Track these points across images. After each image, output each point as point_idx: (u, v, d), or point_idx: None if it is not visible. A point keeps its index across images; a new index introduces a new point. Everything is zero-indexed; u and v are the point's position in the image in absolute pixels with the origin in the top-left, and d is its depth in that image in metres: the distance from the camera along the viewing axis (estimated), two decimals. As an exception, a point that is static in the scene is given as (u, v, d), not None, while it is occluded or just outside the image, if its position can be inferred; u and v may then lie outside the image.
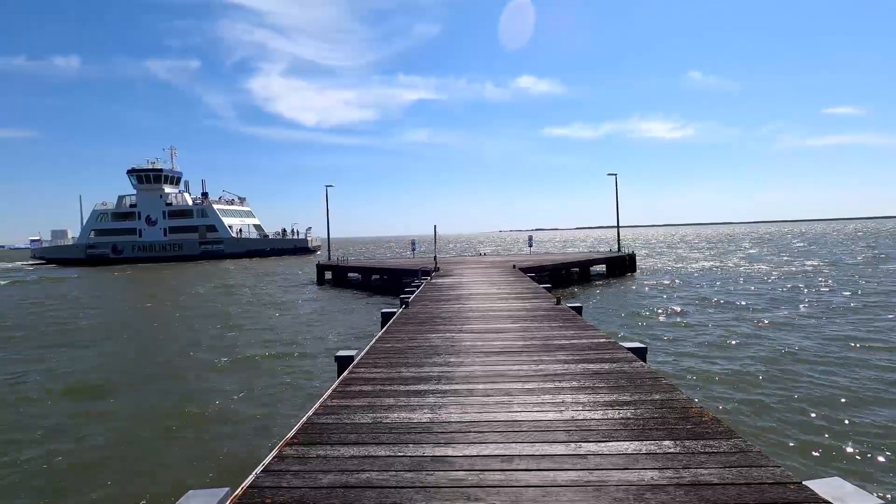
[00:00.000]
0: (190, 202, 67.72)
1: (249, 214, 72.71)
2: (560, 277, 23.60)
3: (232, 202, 71.83)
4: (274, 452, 3.27)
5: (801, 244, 57.85)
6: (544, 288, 12.71)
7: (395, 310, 9.62)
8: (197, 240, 65.59)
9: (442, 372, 5.13)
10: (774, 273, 27.04)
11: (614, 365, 5.19)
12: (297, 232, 68.45)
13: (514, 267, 20.09)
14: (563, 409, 3.95)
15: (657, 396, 4.17)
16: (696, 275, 27.53)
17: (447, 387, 4.61)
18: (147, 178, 66.38)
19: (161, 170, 67.10)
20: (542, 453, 3.16)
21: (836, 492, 2.60)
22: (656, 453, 3.11)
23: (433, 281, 15.62)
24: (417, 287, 13.98)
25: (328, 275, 29.15)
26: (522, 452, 3.18)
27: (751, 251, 48.25)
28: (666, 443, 3.26)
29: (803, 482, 2.70)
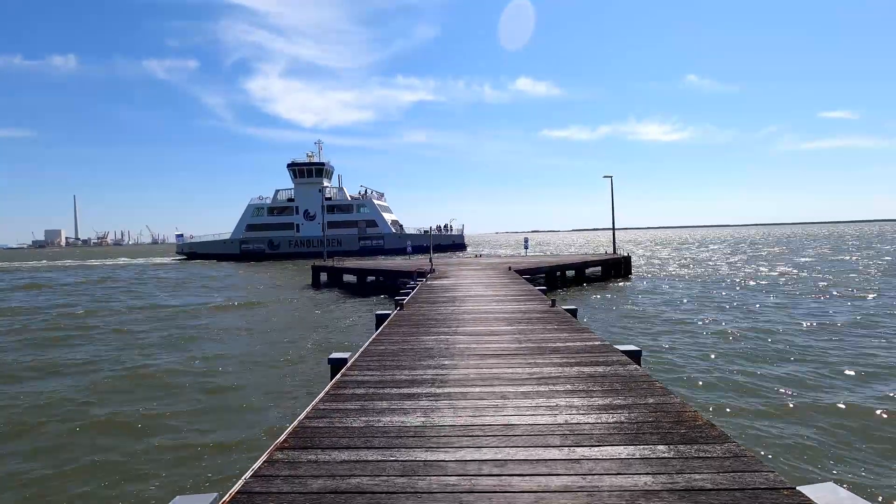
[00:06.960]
0: (349, 197, 66.26)
1: (389, 210, 70.65)
2: (555, 280, 23.62)
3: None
4: (264, 457, 3.23)
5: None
6: (539, 290, 12.71)
7: (389, 312, 9.58)
8: (356, 235, 64.03)
9: (436, 375, 5.10)
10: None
11: (608, 368, 5.17)
12: (451, 227, 67.04)
13: (509, 269, 20.07)
14: (557, 412, 3.93)
15: (651, 400, 4.15)
16: (698, 280, 27.57)
17: (441, 390, 4.58)
18: (308, 171, 65.16)
19: (322, 164, 65.62)
20: (536, 458, 3.13)
21: (830, 497, 2.59)
22: (650, 458, 3.09)
23: (428, 283, 15.58)
24: (413, 289, 13.95)
25: (323, 276, 29.02)
26: (516, 457, 3.15)
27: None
28: (660, 447, 3.24)
29: (797, 487, 2.69)
